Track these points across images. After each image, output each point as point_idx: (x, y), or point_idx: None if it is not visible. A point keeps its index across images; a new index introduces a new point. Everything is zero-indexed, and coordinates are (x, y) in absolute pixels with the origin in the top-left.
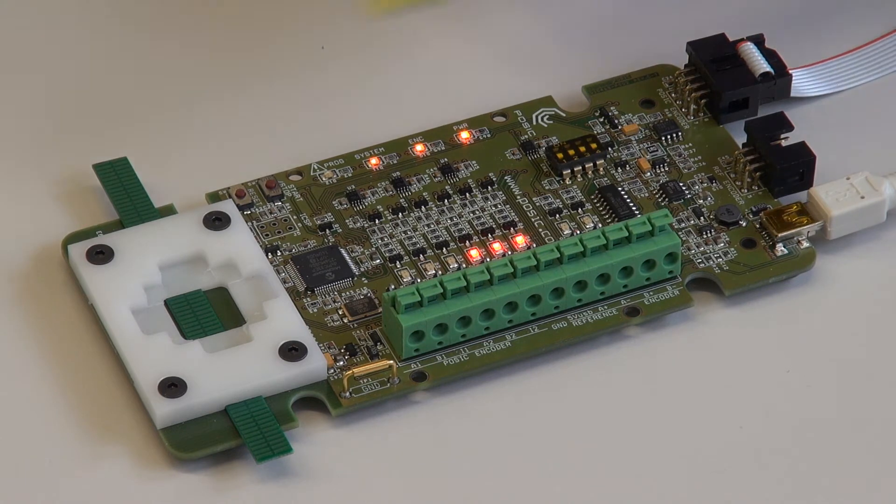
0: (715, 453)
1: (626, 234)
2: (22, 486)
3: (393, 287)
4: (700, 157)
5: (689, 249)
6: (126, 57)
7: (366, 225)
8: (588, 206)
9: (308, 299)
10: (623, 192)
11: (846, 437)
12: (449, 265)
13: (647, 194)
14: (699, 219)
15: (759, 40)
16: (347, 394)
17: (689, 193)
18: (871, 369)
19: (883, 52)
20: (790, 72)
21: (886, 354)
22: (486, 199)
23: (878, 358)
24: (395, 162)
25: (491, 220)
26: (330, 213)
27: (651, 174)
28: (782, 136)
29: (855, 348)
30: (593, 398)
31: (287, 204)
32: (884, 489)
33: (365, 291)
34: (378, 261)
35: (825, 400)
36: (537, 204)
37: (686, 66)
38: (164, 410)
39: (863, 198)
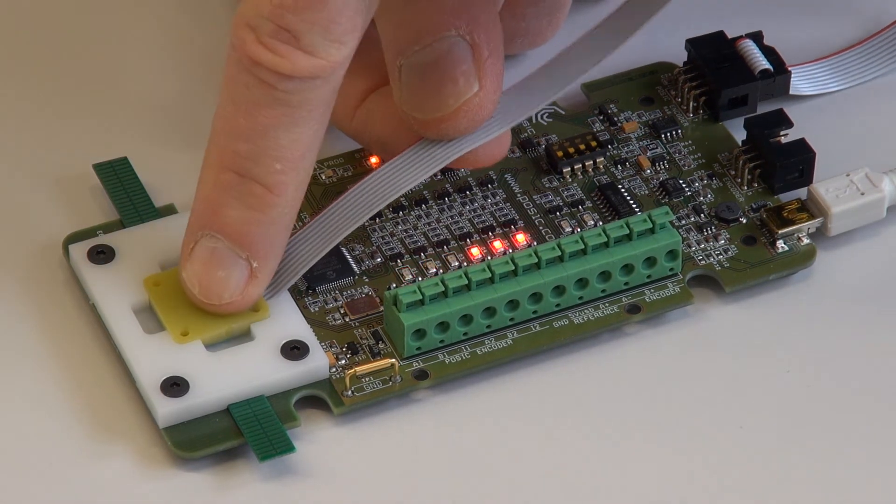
0: (715, 453)
1: (627, 231)
2: (25, 485)
3: (394, 285)
4: (700, 155)
5: (690, 246)
6: (127, 57)
7: (366, 223)
8: (588, 203)
9: (309, 298)
10: (623, 190)
11: (846, 436)
12: (450, 263)
13: (647, 192)
14: (699, 216)
15: (757, 37)
16: (349, 392)
17: (689, 191)
18: (872, 366)
19: (881, 48)
20: (789, 69)
21: (887, 351)
22: (487, 197)
23: (879, 355)
24: None
25: (491, 219)
26: None
27: (651, 171)
28: (782, 132)
29: (855, 345)
30: (594, 396)
31: None
32: (884, 488)
33: (366, 290)
34: (379, 259)
35: (825, 399)
36: (537, 202)
37: (685, 63)
38: (167, 410)
39: (863, 194)
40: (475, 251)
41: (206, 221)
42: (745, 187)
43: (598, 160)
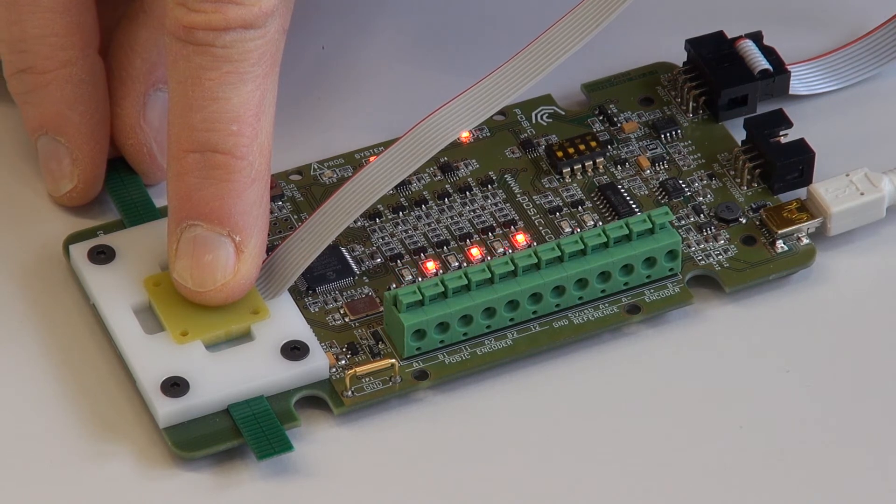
0: (715, 453)
1: (627, 231)
2: (26, 485)
3: (394, 286)
4: (699, 155)
5: (690, 247)
6: None
7: (366, 224)
8: (588, 204)
9: (309, 299)
10: (623, 190)
11: (846, 436)
12: (450, 264)
13: (646, 192)
14: (699, 216)
15: (757, 37)
16: (350, 393)
17: (689, 191)
18: (871, 366)
19: (877, 45)
20: (788, 68)
21: (886, 351)
22: (487, 197)
23: (878, 354)
24: None
25: (491, 219)
26: None
27: (651, 172)
28: (781, 132)
29: (855, 345)
30: (594, 396)
31: (287, 204)
32: (884, 488)
33: (366, 290)
34: (379, 260)
35: (825, 399)
36: (537, 202)
37: (685, 63)
38: (167, 410)
39: (862, 194)
40: (475, 252)
41: (182, 213)
42: (745, 187)
43: (598, 160)
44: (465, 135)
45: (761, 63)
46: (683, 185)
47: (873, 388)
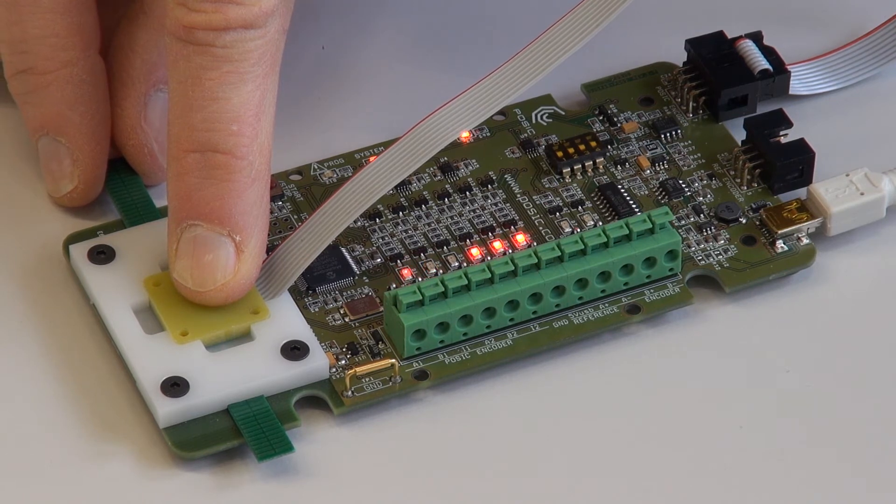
0: (715, 453)
1: (627, 231)
2: (26, 485)
3: (394, 286)
4: (699, 155)
5: (690, 247)
6: None
7: (366, 224)
8: (588, 204)
9: (309, 299)
10: (623, 190)
11: (846, 436)
12: (450, 264)
13: (646, 192)
14: (699, 216)
15: (757, 37)
16: (350, 393)
17: (689, 191)
18: (871, 366)
19: (877, 45)
20: (788, 68)
21: (886, 351)
22: (487, 197)
23: (878, 354)
24: None
25: (491, 219)
26: None
27: (651, 172)
28: (781, 132)
29: (855, 345)
30: (594, 396)
31: (287, 204)
32: (884, 488)
33: (366, 290)
34: (379, 260)
35: (825, 399)
36: (537, 202)
37: (685, 63)
38: (167, 410)
39: (862, 194)
40: (475, 252)
41: (183, 213)
42: (745, 187)
43: (598, 160)
44: (465, 135)
45: (761, 63)
46: (683, 185)
47: (873, 388)
